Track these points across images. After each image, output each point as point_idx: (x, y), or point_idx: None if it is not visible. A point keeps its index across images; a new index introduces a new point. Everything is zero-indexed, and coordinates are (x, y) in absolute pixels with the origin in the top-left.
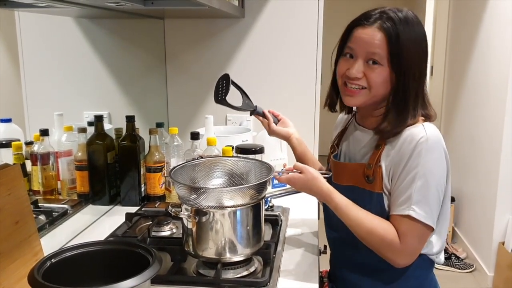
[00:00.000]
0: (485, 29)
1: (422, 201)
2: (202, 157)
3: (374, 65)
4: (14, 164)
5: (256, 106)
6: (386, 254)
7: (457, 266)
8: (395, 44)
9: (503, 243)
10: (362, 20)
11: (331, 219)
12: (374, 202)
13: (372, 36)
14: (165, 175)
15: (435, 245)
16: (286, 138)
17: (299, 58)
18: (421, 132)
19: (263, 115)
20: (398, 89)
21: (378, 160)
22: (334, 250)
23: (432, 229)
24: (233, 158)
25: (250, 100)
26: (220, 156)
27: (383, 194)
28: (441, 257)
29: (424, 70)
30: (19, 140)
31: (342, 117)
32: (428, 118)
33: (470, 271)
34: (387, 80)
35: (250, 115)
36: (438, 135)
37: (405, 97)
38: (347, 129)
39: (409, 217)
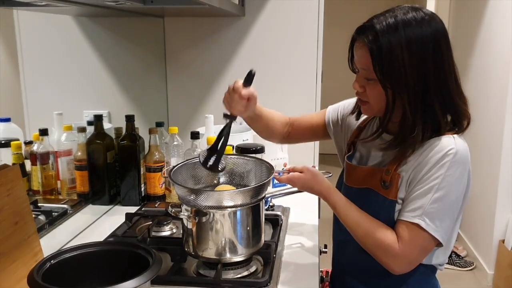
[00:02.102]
0: (486, 27)
1: (434, 214)
2: None
3: (369, 81)
4: (13, 164)
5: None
6: (382, 259)
7: (458, 264)
8: (378, 59)
9: (503, 241)
10: (355, 33)
11: (340, 224)
12: (385, 208)
13: (359, 54)
14: (165, 175)
15: (440, 256)
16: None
17: (299, 56)
18: (451, 144)
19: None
20: (395, 101)
21: (398, 167)
22: (338, 252)
23: (437, 243)
24: (234, 156)
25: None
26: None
27: (396, 202)
28: (443, 266)
29: (431, 72)
30: (18, 140)
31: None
32: (459, 123)
33: (471, 269)
34: (383, 94)
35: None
36: (467, 150)
37: (410, 107)
38: (366, 128)
39: (417, 225)
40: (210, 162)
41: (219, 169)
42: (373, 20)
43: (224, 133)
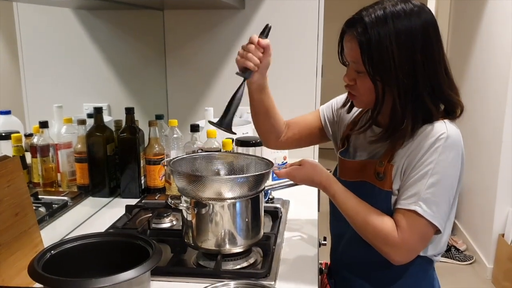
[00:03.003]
0: (486, 24)
1: (431, 199)
2: (202, 150)
3: (359, 74)
4: (13, 156)
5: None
6: (381, 248)
7: (457, 258)
8: (367, 52)
9: (503, 235)
10: (345, 27)
11: (336, 214)
12: (381, 199)
13: (349, 46)
14: (165, 164)
15: (437, 246)
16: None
17: (299, 50)
18: (442, 129)
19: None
20: (384, 94)
21: (391, 158)
22: (336, 245)
23: (436, 230)
24: (233, 154)
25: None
26: (220, 152)
27: (392, 193)
28: (439, 257)
29: (420, 64)
30: (18, 132)
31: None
32: (452, 112)
33: (470, 263)
34: (373, 87)
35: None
36: (459, 135)
37: (400, 100)
38: (359, 121)
39: (414, 212)
40: (225, 120)
41: (231, 127)
42: (362, 13)
43: (239, 92)
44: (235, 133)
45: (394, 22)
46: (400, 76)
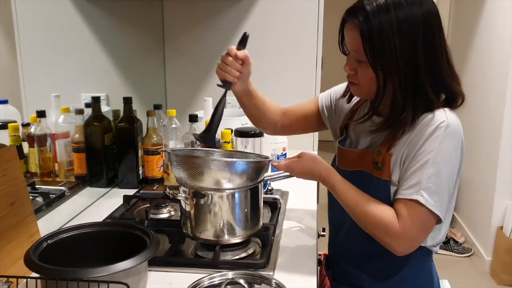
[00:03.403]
0: (487, 17)
1: (432, 188)
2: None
3: (360, 63)
4: (10, 145)
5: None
6: (382, 238)
7: (456, 250)
8: (368, 40)
9: (502, 228)
10: (345, 15)
11: (335, 206)
12: (380, 189)
13: (350, 35)
14: (163, 149)
15: (436, 236)
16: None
17: (299, 41)
18: (442, 117)
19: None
20: (385, 84)
21: (390, 147)
22: (335, 237)
23: (437, 220)
24: (232, 152)
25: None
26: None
27: (391, 183)
28: (438, 247)
29: (421, 54)
30: (15, 122)
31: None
32: (453, 102)
33: (468, 256)
34: (374, 77)
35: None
36: (459, 123)
37: (401, 90)
38: (358, 110)
39: (416, 202)
40: (209, 135)
41: (215, 141)
42: (364, 1)
43: (220, 105)
44: (218, 147)
45: (396, 10)
46: (402, 66)
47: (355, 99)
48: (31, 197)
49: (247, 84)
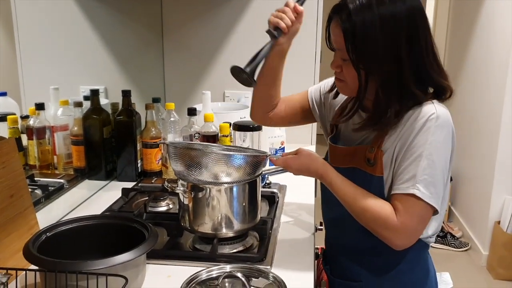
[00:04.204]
0: (486, 14)
1: (427, 180)
2: (199, 134)
3: (344, 61)
4: (9, 138)
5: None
6: (382, 233)
7: (453, 244)
8: (350, 39)
9: (499, 223)
10: (331, 13)
11: (329, 200)
12: (374, 185)
13: (334, 33)
14: (162, 141)
15: (431, 228)
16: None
17: (299, 36)
18: (431, 109)
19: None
20: (367, 82)
21: (381, 144)
22: (330, 231)
23: (434, 211)
24: (230, 147)
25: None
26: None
27: (383, 179)
28: (433, 238)
29: (405, 51)
30: (14, 114)
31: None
32: (441, 95)
33: (465, 250)
34: (356, 75)
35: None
36: (448, 114)
37: (383, 88)
38: (347, 107)
39: (412, 196)
40: (250, 67)
41: (255, 79)
42: None
43: (266, 47)
44: (255, 82)
45: (378, 8)
46: (384, 64)
47: (342, 96)
48: (30, 190)
49: (289, 44)
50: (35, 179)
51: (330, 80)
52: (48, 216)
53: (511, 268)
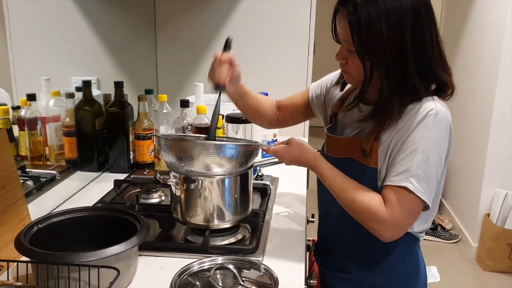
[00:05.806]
0: (479, 5)
1: (421, 175)
2: (192, 126)
3: (350, 53)
4: (0, 128)
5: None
6: (370, 224)
7: (443, 236)
8: (356, 31)
9: (488, 215)
10: (337, 5)
11: (324, 194)
12: (367, 176)
13: (340, 25)
14: (154, 133)
15: (422, 223)
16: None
17: (291, 27)
18: (431, 105)
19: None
20: (372, 74)
21: (378, 135)
22: (324, 223)
23: (424, 206)
24: (223, 139)
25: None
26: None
27: (378, 170)
28: (423, 234)
29: (409, 44)
30: (6, 105)
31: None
32: (442, 92)
33: (455, 242)
34: (362, 67)
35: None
36: (447, 111)
37: (387, 81)
38: (348, 98)
39: (404, 188)
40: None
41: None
42: None
43: (216, 107)
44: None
45: (384, 1)
46: (389, 57)
47: (347, 87)
48: (21, 181)
49: (239, 87)
50: (27, 170)
51: (332, 75)
52: (39, 207)
53: (499, 260)
